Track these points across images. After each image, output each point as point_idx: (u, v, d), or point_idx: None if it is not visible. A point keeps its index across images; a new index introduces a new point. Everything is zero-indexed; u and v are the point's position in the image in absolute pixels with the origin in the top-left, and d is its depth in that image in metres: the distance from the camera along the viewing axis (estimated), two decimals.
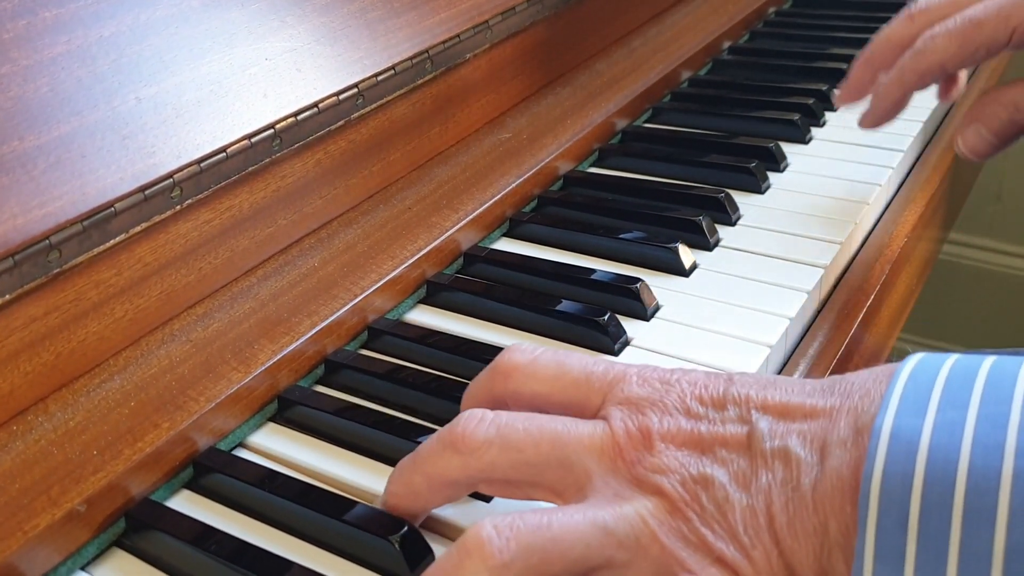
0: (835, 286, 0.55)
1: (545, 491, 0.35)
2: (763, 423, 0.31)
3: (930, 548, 0.26)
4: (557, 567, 0.31)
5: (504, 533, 0.31)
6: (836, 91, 0.58)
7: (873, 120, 0.55)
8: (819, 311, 0.52)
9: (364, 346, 0.50)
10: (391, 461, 0.41)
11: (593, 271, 0.53)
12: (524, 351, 0.37)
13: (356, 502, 0.38)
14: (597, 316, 0.48)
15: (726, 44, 0.81)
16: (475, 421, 0.35)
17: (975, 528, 0.26)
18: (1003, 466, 0.26)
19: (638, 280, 0.51)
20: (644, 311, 0.50)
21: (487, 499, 0.39)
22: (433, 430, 0.42)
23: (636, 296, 0.50)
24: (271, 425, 0.45)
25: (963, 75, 0.58)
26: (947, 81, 0.57)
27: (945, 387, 0.29)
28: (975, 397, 0.28)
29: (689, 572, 0.30)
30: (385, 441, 0.42)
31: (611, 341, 0.47)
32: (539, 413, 0.35)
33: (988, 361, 0.29)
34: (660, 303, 0.51)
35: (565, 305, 0.49)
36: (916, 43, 0.51)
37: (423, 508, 0.37)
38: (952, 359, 0.30)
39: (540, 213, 0.60)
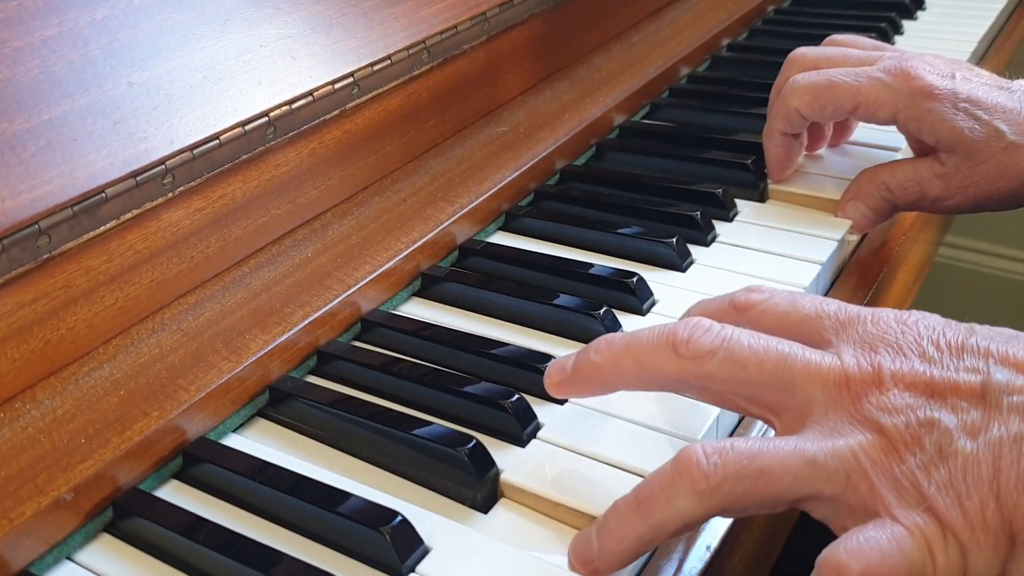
0: (832, 283, 0.54)
1: (762, 409, 0.35)
2: (1002, 375, 0.31)
3: None
4: (763, 495, 0.31)
5: (713, 458, 0.31)
6: (769, 172, 0.60)
7: (773, 171, 0.59)
8: None
9: (357, 338, 0.50)
10: (383, 454, 0.41)
11: (589, 265, 0.52)
12: (761, 291, 0.38)
13: (348, 494, 0.38)
14: (593, 310, 0.47)
15: (725, 41, 0.81)
16: (702, 330, 0.35)
17: None
18: None
19: (634, 275, 0.50)
20: (640, 306, 0.49)
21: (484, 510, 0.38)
22: (428, 422, 0.41)
23: (632, 291, 0.49)
24: (262, 415, 0.44)
25: (828, 133, 0.62)
26: (814, 136, 0.62)
27: None
28: None
29: (893, 519, 0.30)
30: (378, 431, 0.41)
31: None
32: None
33: None
34: (656, 298, 0.50)
35: (561, 299, 0.49)
36: (784, 87, 0.56)
37: (615, 387, 0.38)
38: None
39: (536, 207, 0.60)
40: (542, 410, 0.43)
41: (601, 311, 0.47)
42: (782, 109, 0.55)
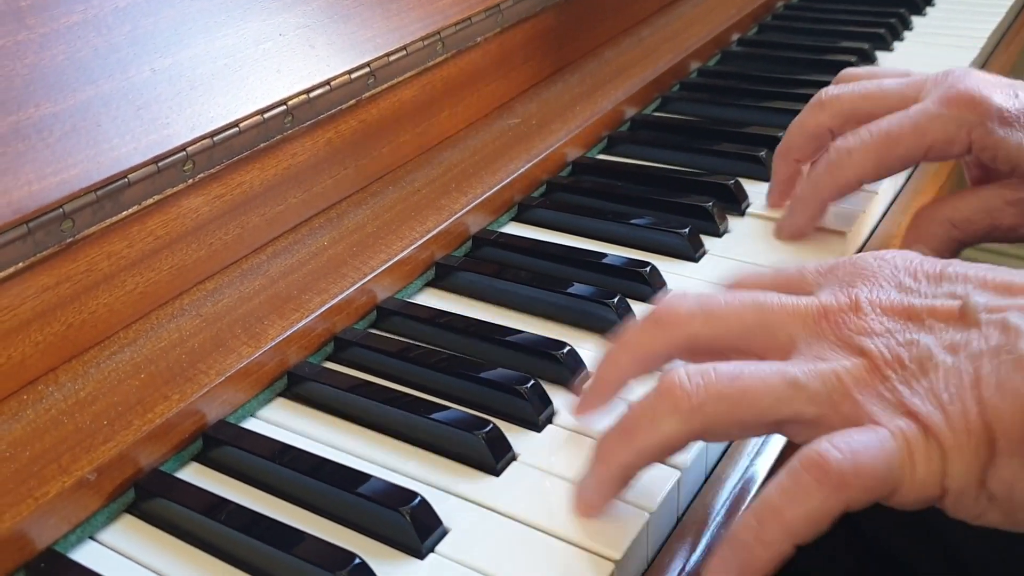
0: None
1: (748, 357, 0.35)
2: (980, 297, 0.31)
3: None
4: (745, 416, 0.32)
5: (695, 379, 0.32)
6: (767, 197, 0.57)
7: (791, 233, 0.53)
8: None
9: (373, 325, 0.50)
10: (399, 436, 0.42)
11: (602, 255, 0.53)
12: (750, 274, 0.39)
13: (368, 475, 0.38)
14: (606, 299, 0.48)
15: (735, 36, 0.81)
16: (677, 298, 0.36)
17: None
18: None
19: (647, 264, 0.51)
20: (653, 295, 0.50)
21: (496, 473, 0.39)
22: (444, 407, 0.42)
23: (645, 280, 0.50)
24: (281, 400, 0.45)
25: None
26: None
27: None
28: None
29: (876, 423, 0.30)
30: (395, 416, 0.42)
31: (621, 324, 0.47)
32: None
33: None
34: (670, 288, 0.51)
35: (575, 288, 0.49)
36: (831, 155, 0.49)
37: (623, 382, 0.38)
38: None
39: (549, 198, 0.60)
40: (557, 397, 0.43)
41: (615, 300, 0.48)
42: (838, 180, 0.49)
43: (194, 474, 0.41)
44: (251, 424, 0.43)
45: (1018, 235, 0.49)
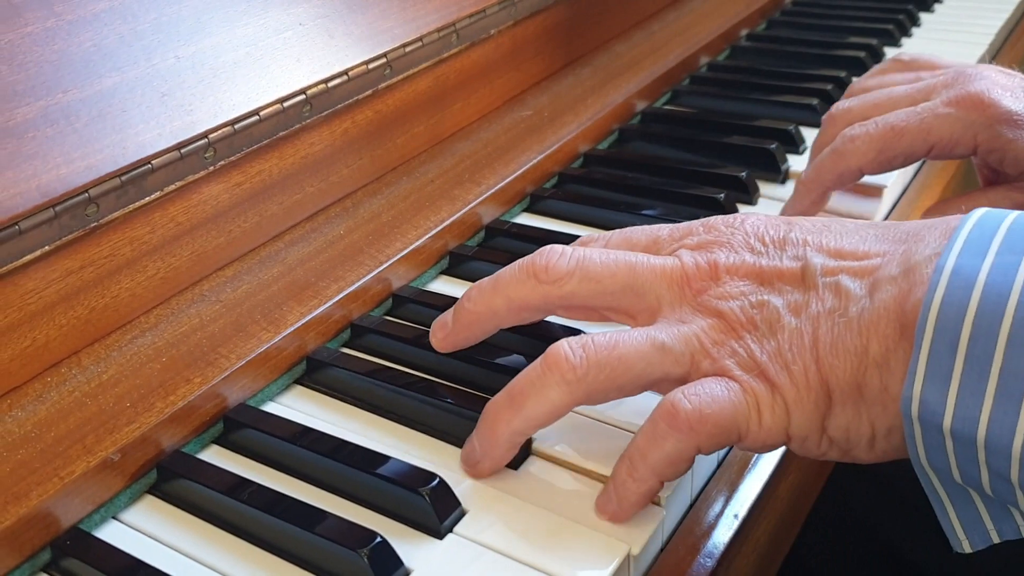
0: None
1: (620, 315, 0.38)
2: (817, 259, 0.35)
3: (974, 369, 0.30)
4: (622, 380, 0.35)
5: (578, 352, 0.35)
6: (784, 208, 0.55)
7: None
8: None
9: (388, 313, 0.51)
10: (415, 423, 0.42)
11: None
12: (592, 237, 0.41)
13: (388, 457, 0.39)
14: None
15: (744, 31, 0.82)
16: (556, 255, 0.38)
17: (1017, 351, 0.29)
18: None
19: None
20: None
21: (515, 466, 0.39)
22: (460, 392, 0.42)
23: None
24: (299, 384, 0.46)
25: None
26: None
27: (1006, 236, 0.31)
28: None
29: (733, 379, 0.34)
30: (411, 401, 0.43)
31: None
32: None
33: None
34: None
35: None
36: (836, 141, 0.50)
37: (495, 327, 0.41)
38: (1014, 214, 0.32)
39: (561, 189, 0.61)
40: None
41: None
42: (839, 166, 0.49)
43: (215, 456, 0.42)
44: (271, 408, 0.44)
45: None
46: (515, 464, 0.39)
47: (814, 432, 0.34)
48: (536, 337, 0.46)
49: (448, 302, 0.50)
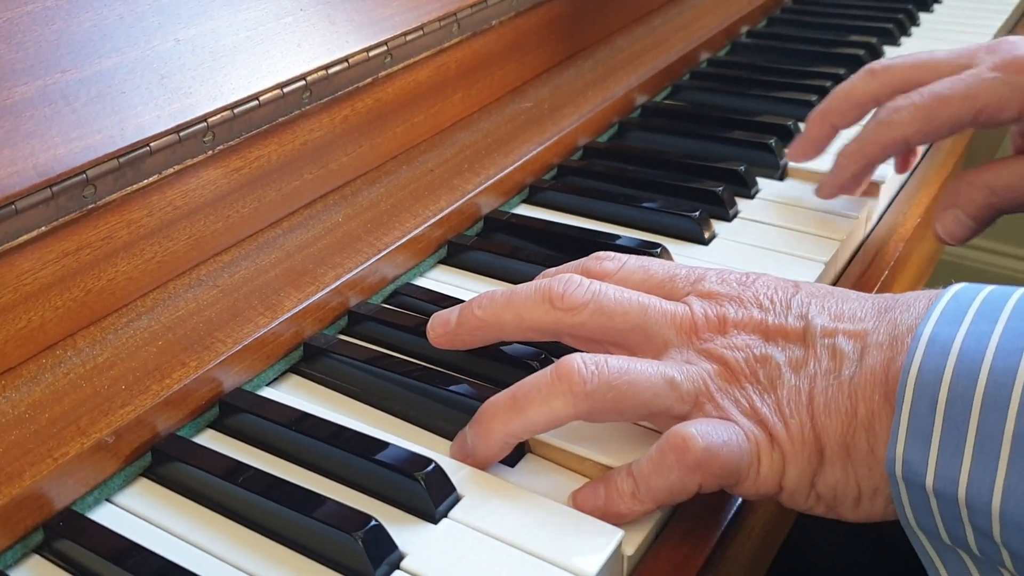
0: (850, 260, 0.55)
1: (624, 352, 0.39)
2: (818, 320, 0.37)
3: (952, 430, 0.31)
4: (626, 406, 0.36)
5: (591, 367, 0.36)
6: (788, 149, 0.56)
7: (831, 191, 0.54)
8: (834, 283, 0.53)
9: (386, 301, 0.51)
10: (411, 409, 0.42)
11: (614, 236, 0.53)
12: (613, 259, 0.42)
13: (384, 442, 0.39)
14: None
15: (744, 28, 0.82)
16: (574, 285, 0.39)
17: (991, 414, 0.30)
18: (1019, 367, 0.30)
19: (659, 246, 0.51)
20: None
21: (512, 463, 0.39)
22: (459, 380, 0.42)
23: None
24: (296, 370, 0.45)
25: (920, 147, 0.56)
26: (906, 153, 0.56)
27: (980, 307, 0.33)
28: (1004, 315, 0.32)
29: (737, 424, 0.35)
30: (408, 388, 0.42)
31: None
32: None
33: (1017, 292, 0.33)
34: None
35: None
36: (880, 113, 0.50)
37: (497, 339, 0.41)
38: (989, 288, 0.34)
39: (560, 181, 0.61)
40: None
41: None
42: (884, 137, 0.49)
43: (210, 440, 0.41)
44: (266, 393, 0.44)
45: None
46: (511, 461, 0.39)
47: (804, 487, 0.35)
48: None
49: (446, 299, 0.50)
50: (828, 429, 0.34)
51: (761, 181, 0.60)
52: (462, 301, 0.48)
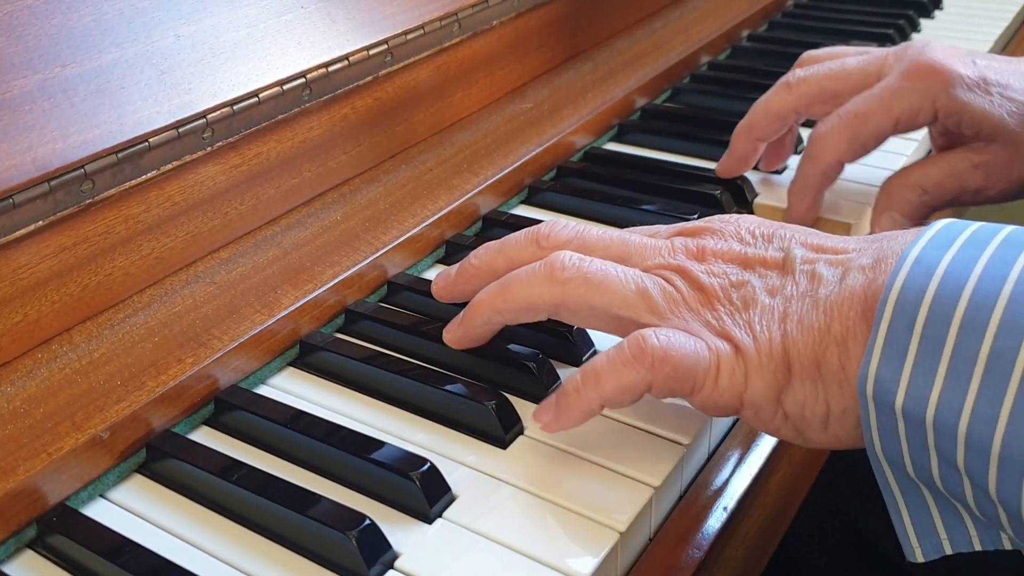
0: None
1: None
2: (799, 250, 0.37)
3: (927, 349, 0.31)
4: (597, 301, 0.38)
5: (574, 260, 0.39)
6: (717, 164, 0.58)
7: (796, 222, 0.54)
8: None
9: (383, 300, 0.50)
10: (409, 406, 0.42)
11: None
12: (564, 226, 0.42)
13: (380, 442, 0.39)
14: None
15: (745, 32, 0.82)
16: (559, 226, 0.41)
17: (968, 336, 0.30)
18: (1001, 292, 0.30)
19: None
20: None
21: (504, 445, 0.39)
22: (454, 379, 0.42)
23: None
24: (292, 368, 0.45)
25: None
26: (772, 155, 0.59)
27: (970, 236, 0.33)
28: (993, 244, 0.32)
29: (701, 338, 0.36)
30: (404, 387, 0.42)
31: None
32: None
33: (1008, 228, 0.34)
34: None
35: None
36: (808, 146, 0.52)
37: (487, 282, 0.42)
38: (979, 224, 0.34)
39: (559, 182, 0.61)
40: (564, 374, 0.44)
41: None
42: (818, 167, 0.51)
43: (205, 436, 0.41)
44: (262, 391, 0.44)
45: (985, 196, 0.51)
46: (504, 444, 0.39)
47: (769, 403, 0.35)
48: (531, 328, 0.46)
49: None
50: (798, 344, 0.34)
51: (759, 186, 0.59)
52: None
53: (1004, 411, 0.29)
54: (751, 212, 0.57)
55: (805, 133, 0.64)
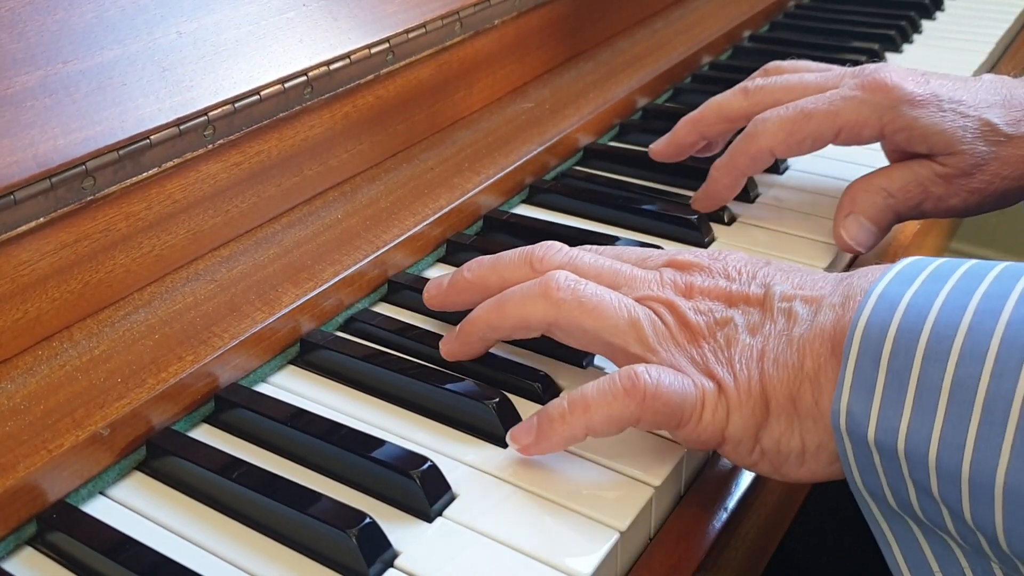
0: (849, 265, 0.55)
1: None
2: (778, 287, 0.38)
3: (894, 381, 0.32)
4: (588, 326, 0.39)
5: (570, 282, 0.39)
6: (652, 145, 0.57)
7: (706, 203, 0.55)
8: None
9: (384, 298, 0.50)
10: (409, 405, 0.42)
11: (613, 238, 0.53)
12: (587, 248, 0.44)
13: (381, 440, 0.39)
14: None
15: (747, 32, 0.82)
16: (554, 249, 0.42)
17: (931, 366, 0.31)
18: (961, 321, 0.31)
19: (657, 248, 0.51)
20: None
21: (503, 444, 0.39)
22: (455, 378, 0.42)
23: None
24: (292, 367, 0.45)
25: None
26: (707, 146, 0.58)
27: (933, 271, 0.34)
28: (954, 277, 0.33)
29: (687, 376, 0.37)
30: (405, 386, 0.42)
31: None
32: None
33: (970, 261, 0.35)
34: None
35: None
36: (748, 126, 0.52)
37: (483, 299, 0.43)
38: (943, 260, 0.35)
39: (560, 182, 0.61)
40: (563, 374, 0.44)
41: None
42: (751, 148, 0.51)
43: (205, 434, 0.41)
44: (263, 389, 0.44)
45: (947, 205, 0.51)
46: (505, 444, 0.39)
47: (747, 439, 0.36)
48: None
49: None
50: (774, 381, 0.35)
51: (761, 186, 0.60)
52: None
53: (970, 438, 0.30)
54: (752, 205, 0.57)
55: None
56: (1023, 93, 0.50)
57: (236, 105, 0.45)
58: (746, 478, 0.41)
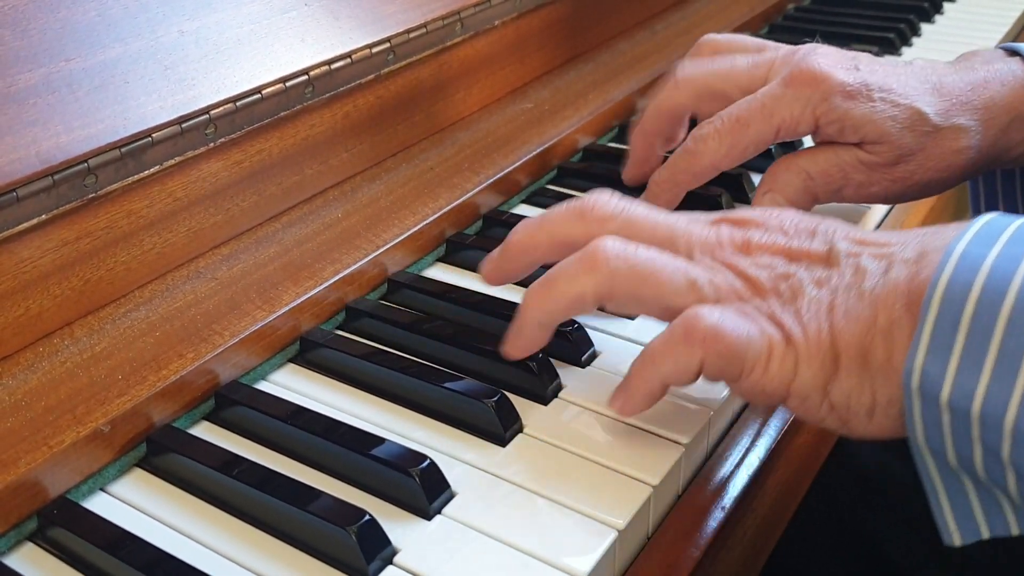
0: None
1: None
2: (843, 243, 0.37)
3: (974, 344, 0.31)
4: (645, 294, 0.37)
5: (619, 249, 0.38)
6: (622, 171, 0.57)
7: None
8: None
9: (383, 297, 0.51)
10: (409, 403, 0.42)
11: None
12: (609, 201, 0.41)
13: (380, 438, 0.39)
14: None
15: (746, 35, 0.82)
16: (604, 200, 0.41)
17: (1015, 330, 0.31)
18: None
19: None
20: None
21: (503, 443, 0.40)
22: (456, 376, 0.42)
23: None
24: (292, 365, 0.45)
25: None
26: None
27: (1014, 233, 0.33)
28: None
29: (753, 322, 0.36)
30: (404, 384, 0.43)
31: None
32: None
33: None
34: None
35: None
36: (687, 143, 0.51)
37: (538, 260, 0.42)
38: (1021, 219, 0.34)
39: (560, 182, 0.61)
40: (563, 373, 0.44)
41: None
42: (694, 166, 0.51)
43: (205, 431, 0.41)
44: (263, 386, 0.44)
45: (868, 192, 0.50)
46: (504, 442, 0.39)
47: (816, 393, 0.35)
48: None
49: (444, 288, 0.50)
50: (845, 335, 0.35)
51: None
52: (462, 293, 0.49)
53: None
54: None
55: None
56: (953, 80, 0.49)
57: (238, 104, 0.45)
58: (744, 477, 0.41)
